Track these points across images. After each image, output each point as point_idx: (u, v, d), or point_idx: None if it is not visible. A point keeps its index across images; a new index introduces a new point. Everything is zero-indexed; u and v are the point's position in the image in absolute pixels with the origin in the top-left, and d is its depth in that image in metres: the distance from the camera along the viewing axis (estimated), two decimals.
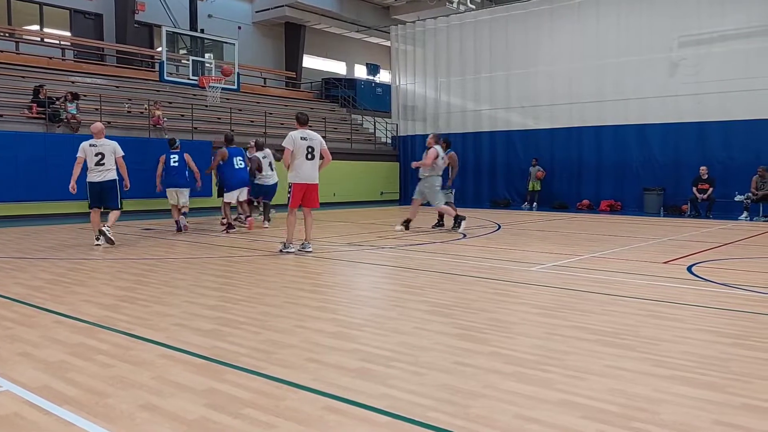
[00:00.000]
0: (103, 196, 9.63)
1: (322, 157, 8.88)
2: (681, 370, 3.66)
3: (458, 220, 11.85)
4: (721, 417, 2.98)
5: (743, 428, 2.86)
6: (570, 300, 5.77)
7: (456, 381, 3.47)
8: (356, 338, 4.38)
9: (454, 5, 23.33)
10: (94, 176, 9.54)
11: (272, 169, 12.98)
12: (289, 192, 8.72)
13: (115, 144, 9.72)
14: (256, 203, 13.39)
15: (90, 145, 9.55)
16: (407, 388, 3.35)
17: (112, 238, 9.46)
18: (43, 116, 15.49)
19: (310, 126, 9.12)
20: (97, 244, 9.61)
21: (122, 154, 9.72)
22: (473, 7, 23.68)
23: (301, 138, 8.62)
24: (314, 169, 8.76)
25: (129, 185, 9.98)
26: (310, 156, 8.66)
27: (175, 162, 11.76)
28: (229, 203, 12.19)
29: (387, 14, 29.06)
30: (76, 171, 9.48)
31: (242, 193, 12.32)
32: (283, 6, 26.09)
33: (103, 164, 9.53)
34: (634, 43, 18.68)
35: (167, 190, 11.89)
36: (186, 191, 11.95)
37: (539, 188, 20.11)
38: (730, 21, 17.06)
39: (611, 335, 4.47)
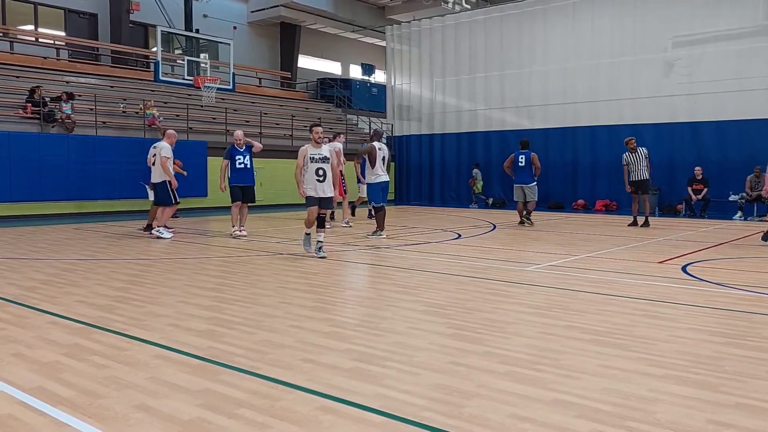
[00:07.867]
0: (156, 194, 10.78)
1: None
2: (675, 370, 3.68)
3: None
4: (714, 416, 2.99)
5: (736, 427, 2.87)
6: (564, 300, 5.79)
7: (450, 381, 3.48)
8: (351, 338, 4.39)
9: (449, 5, 23.35)
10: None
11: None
12: None
13: (161, 146, 10.56)
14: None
15: (152, 147, 10.87)
16: (401, 388, 3.35)
17: (155, 234, 10.64)
18: (38, 116, 15.43)
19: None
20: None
21: (164, 156, 10.42)
22: (468, 7, 23.72)
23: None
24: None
25: (175, 183, 10.58)
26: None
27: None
28: None
29: (382, 14, 29.06)
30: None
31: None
32: (278, 6, 26.07)
33: (154, 165, 10.67)
34: (628, 43, 18.71)
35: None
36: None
37: None
38: (723, 22, 17.11)
39: (605, 335, 4.48)
